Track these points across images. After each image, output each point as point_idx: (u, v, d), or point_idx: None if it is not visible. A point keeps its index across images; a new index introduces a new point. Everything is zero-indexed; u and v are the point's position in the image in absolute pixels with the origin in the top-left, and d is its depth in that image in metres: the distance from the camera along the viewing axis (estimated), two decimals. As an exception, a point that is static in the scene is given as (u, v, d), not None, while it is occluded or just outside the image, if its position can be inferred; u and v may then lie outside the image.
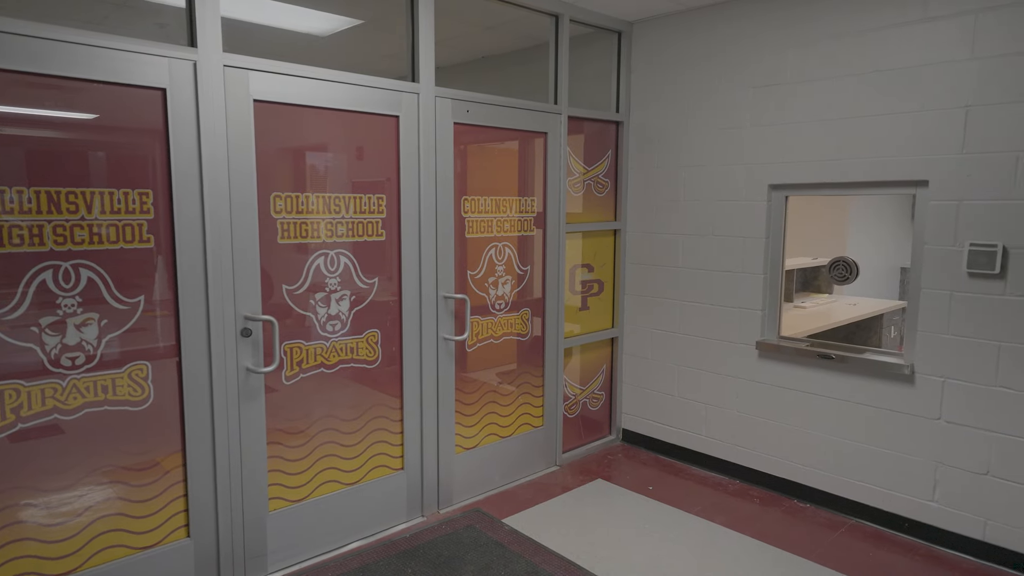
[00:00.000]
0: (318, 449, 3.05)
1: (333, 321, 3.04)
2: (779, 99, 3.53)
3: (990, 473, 2.96)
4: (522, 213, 3.79)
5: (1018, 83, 2.79)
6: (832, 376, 3.45)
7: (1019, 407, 2.86)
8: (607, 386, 4.45)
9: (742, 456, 3.85)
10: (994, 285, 2.91)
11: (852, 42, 3.25)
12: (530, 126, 3.74)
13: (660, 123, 4.08)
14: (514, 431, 3.88)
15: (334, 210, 2.99)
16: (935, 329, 3.08)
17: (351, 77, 2.97)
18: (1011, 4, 2.78)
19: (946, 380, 3.07)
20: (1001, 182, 2.86)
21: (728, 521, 3.39)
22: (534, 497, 3.67)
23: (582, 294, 4.21)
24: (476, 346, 3.64)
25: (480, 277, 3.61)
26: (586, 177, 4.13)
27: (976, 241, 2.94)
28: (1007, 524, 2.93)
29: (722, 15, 3.73)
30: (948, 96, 2.98)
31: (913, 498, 3.20)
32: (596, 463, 4.15)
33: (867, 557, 3.06)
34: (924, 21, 3.02)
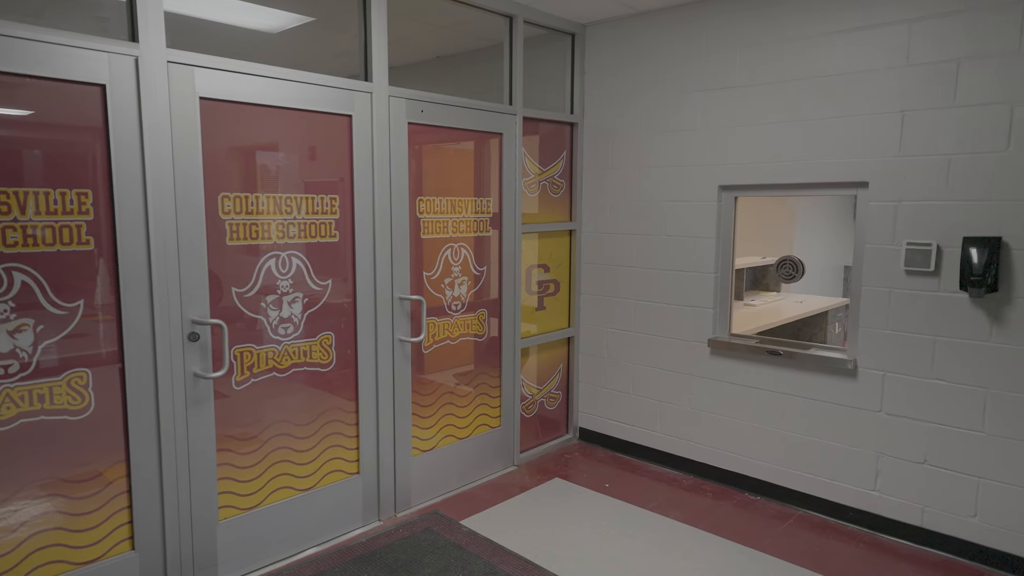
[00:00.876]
0: (271, 455, 2.98)
1: (285, 324, 2.98)
2: (728, 102, 3.62)
3: (927, 462, 3.10)
4: (478, 214, 3.78)
5: (949, 89, 2.93)
6: (780, 372, 3.56)
7: (952, 398, 3.01)
8: (564, 385, 4.49)
9: (696, 451, 3.94)
10: (929, 282, 3.04)
11: (797, 47, 3.35)
12: (485, 126, 3.74)
13: (614, 124, 4.14)
14: (472, 432, 3.88)
15: (285, 211, 2.93)
16: (876, 325, 3.21)
17: (302, 75, 2.91)
18: (942, 15, 2.92)
19: (886, 374, 3.20)
20: (935, 184, 3.00)
21: (683, 516, 3.46)
22: (492, 498, 3.67)
23: (538, 294, 4.24)
24: (433, 347, 3.62)
25: (436, 278, 3.59)
26: (541, 178, 4.15)
27: (912, 240, 3.07)
28: (942, 510, 3.07)
29: (672, 19, 3.80)
30: (886, 101, 3.10)
31: (857, 488, 3.33)
32: (554, 462, 4.18)
33: (814, 546, 3.16)
34: (864, 29, 3.14)
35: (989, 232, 2.87)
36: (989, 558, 2.97)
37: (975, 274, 2.85)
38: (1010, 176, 2.81)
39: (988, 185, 2.86)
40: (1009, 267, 2.83)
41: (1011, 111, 2.78)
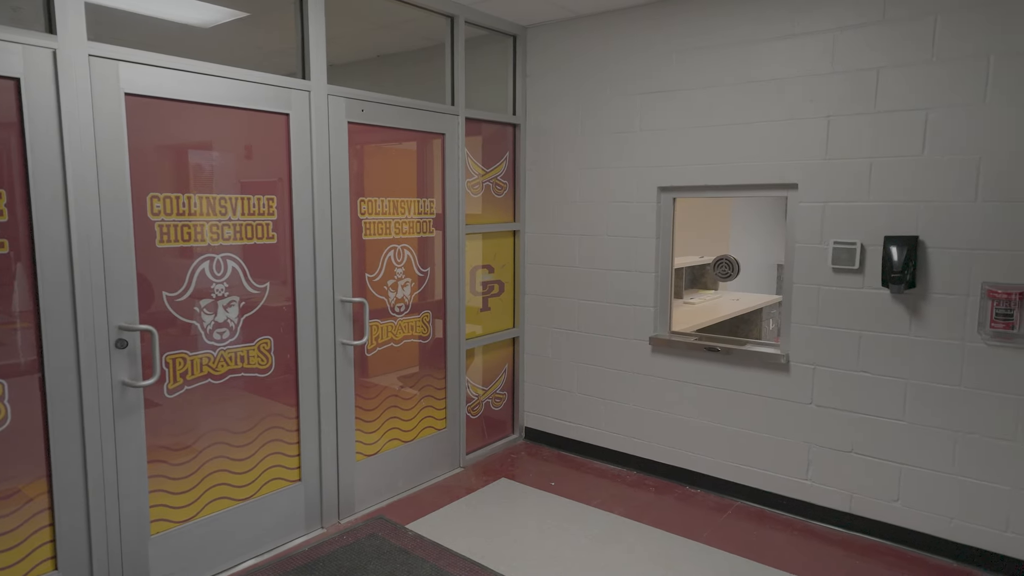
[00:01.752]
0: (207, 465, 2.87)
1: (221, 329, 2.88)
2: (667, 105, 3.71)
3: (854, 451, 3.26)
4: (421, 215, 3.75)
5: (870, 96, 3.08)
6: (718, 368, 3.67)
7: (876, 389, 3.17)
8: (509, 386, 4.50)
9: (638, 447, 4.01)
10: (854, 279, 3.20)
11: (731, 53, 3.47)
12: (427, 127, 3.71)
13: (556, 126, 4.18)
14: (417, 435, 3.84)
15: (220, 212, 2.84)
16: (806, 321, 3.35)
17: (236, 72, 2.83)
18: (863, 25, 3.07)
19: (816, 367, 3.34)
20: (858, 186, 3.15)
21: (626, 511, 3.52)
22: (438, 500, 3.65)
23: (483, 295, 4.24)
24: (376, 350, 3.57)
25: (379, 280, 3.55)
26: (485, 179, 4.15)
27: (839, 240, 3.22)
28: (868, 496, 3.23)
29: (611, 23, 3.87)
30: (813, 106, 3.24)
31: (790, 477, 3.46)
32: (500, 462, 4.18)
33: (750, 535, 3.27)
34: (791, 37, 3.27)
35: (908, 231, 3.04)
36: (911, 540, 3.14)
37: (895, 271, 3.01)
38: (925, 179, 2.98)
39: (906, 187, 3.03)
40: (926, 264, 3.00)
41: (926, 117, 2.95)
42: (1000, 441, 2.88)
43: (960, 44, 2.85)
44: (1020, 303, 2.78)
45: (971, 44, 2.83)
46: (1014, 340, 2.82)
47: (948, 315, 2.97)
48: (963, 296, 2.92)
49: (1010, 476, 2.87)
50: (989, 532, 2.94)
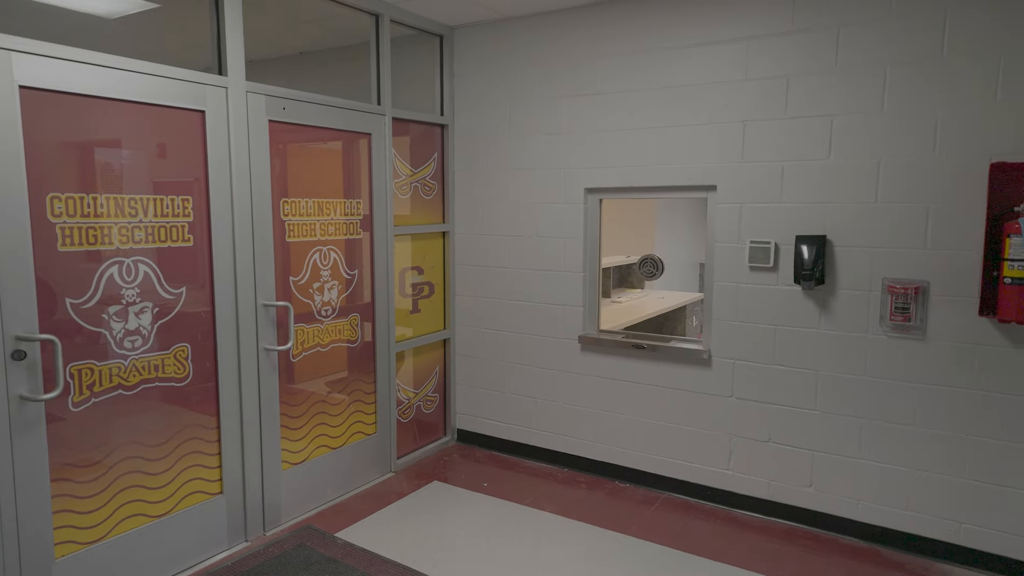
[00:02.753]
0: (118, 481, 2.71)
1: (132, 337, 2.73)
2: (591, 108, 3.78)
3: (771, 440, 3.42)
4: (348, 216, 3.68)
5: (781, 102, 3.24)
6: (645, 364, 3.77)
7: (790, 381, 3.34)
8: (441, 388, 4.47)
9: (569, 445, 4.07)
10: (769, 277, 3.36)
11: (652, 59, 3.57)
12: (353, 126, 3.64)
13: (484, 127, 4.19)
14: (346, 441, 3.76)
15: (130, 213, 2.69)
16: (726, 317, 3.49)
17: (146, 66, 2.68)
18: (773, 35, 3.23)
19: (736, 362, 3.48)
20: (772, 187, 3.31)
21: (558, 508, 3.56)
22: (369, 507, 3.59)
23: (413, 297, 4.19)
24: (302, 355, 3.47)
25: (304, 283, 3.45)
26: (413, 179, 4.11)
27: (755, 239, 3.37)
28: (785, 483, 3.40)
29: (537, 26, 3.91)
30: (729, 111, 3.38)
31: (713, 468, 3.60)
32: (432, 465, 4.15)
33: (676, 526, 3.38)
34: (707, 44, 3.40)
35: (817, 231, 3.21)
36: (823, 522, 3.32)
37: (806, 269, 3.18)
38: (831, 181, 3.16)
39: (814, 189, 3.20)
40: (833, 262, 3.19)
41: (831, 123, 3.13)
42: (900, 426, 3.09)
43: (860, 56, 3.04)
44: (916, 297, 2.99)
45: (869, 56, 3.02)
46: (911, 332, 3.03)
47: (853, 309, 3.16)
48: (866, 291, 3.12)
49: (909, 458, 3.08)
50: (892, 511, 3.15)
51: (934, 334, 2.98)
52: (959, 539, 3.01)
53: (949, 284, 2.94)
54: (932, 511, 3.06)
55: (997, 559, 2.94)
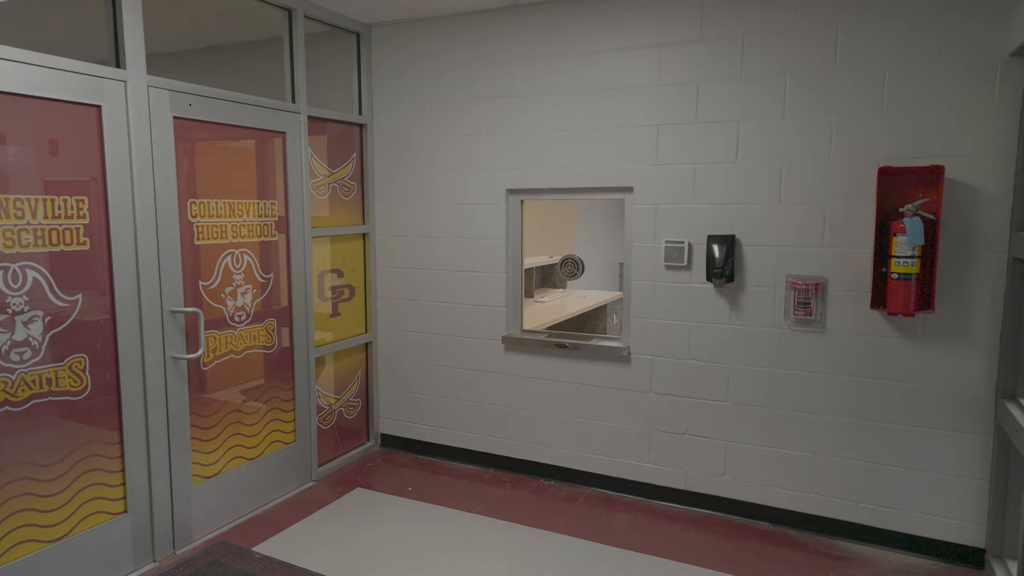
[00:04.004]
0: (6, 505, 2.50)
1: (21, 348, 2.52)
2: (511, 110, 3.81)
3: (687, 432, 3.55)
4: (262, 217, 3.54)
5: (692, 107, 3.38)
6: (567, 363, 3.83)
7: (704, 375, 3.48)
8: (363, 392, 4.38)
9: (494, 445, 4.08)
10: (684, 275, 3.48)
11: (570, 62, 3.63)
12: (266, 124, 3.51)
13: (405, 127, 4.14)
14: (264, 451, 3.62)
15: (16, 215, 2.49)
16: (644, 315, 3.60)
17: (32, 56, 2.49)
18: (684, 42, 3.36)
19: (654, 358, 3.59)
20: (684, 189, 3.44)
21: (483, 509, 3.56)
22: (289, 517, 3.47)
23: (332, 300, 4.09)
24: (214, 363, 3.32)
25: (215, 287, 3.30)
26: (331, 180, 4.01)
27: (670, 239, 3.49)
28: (701, 473, 3.54)
29: (458, 26, 3.90)
30: (644, 115, 3.49)
31: (634, 462, 3.70)
32: (355, 472, 4.06)
33: (599, 520, 3.45)
34: (623, 50, 3.50)
35: (726, 231, 3.36)
36: (737, 509, 3.48)
37: (717, 267, 3.32)
38: (739, 183, 3.32)
39: (724, 190, 3.35)
40: (742, 260, 3.35)
41: (738, 127, 3.29)
42: (803, 414, 3.28)
43: (762, 65, 3.21)
44: (816, 293, 3.19)
45: (771, 65, 3.19)
46: (812, 325, 3.22)
47: (761, 305, 3.32)
48: (772, 288, 3.29)
49: (812, 444, 3.28)
50: (798, 495, 3.33)
51: (832, 327, 3.19)
52: (857, 517, 3.23)
53: (844, 280, 3.14)
54: (833, 493, 3.26)
55: (891, 534, 3.17)
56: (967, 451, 2.99)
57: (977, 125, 2.86)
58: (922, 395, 3.05)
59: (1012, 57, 2.77)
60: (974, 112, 2.86)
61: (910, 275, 2.90)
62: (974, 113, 2.86)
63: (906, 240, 2.87)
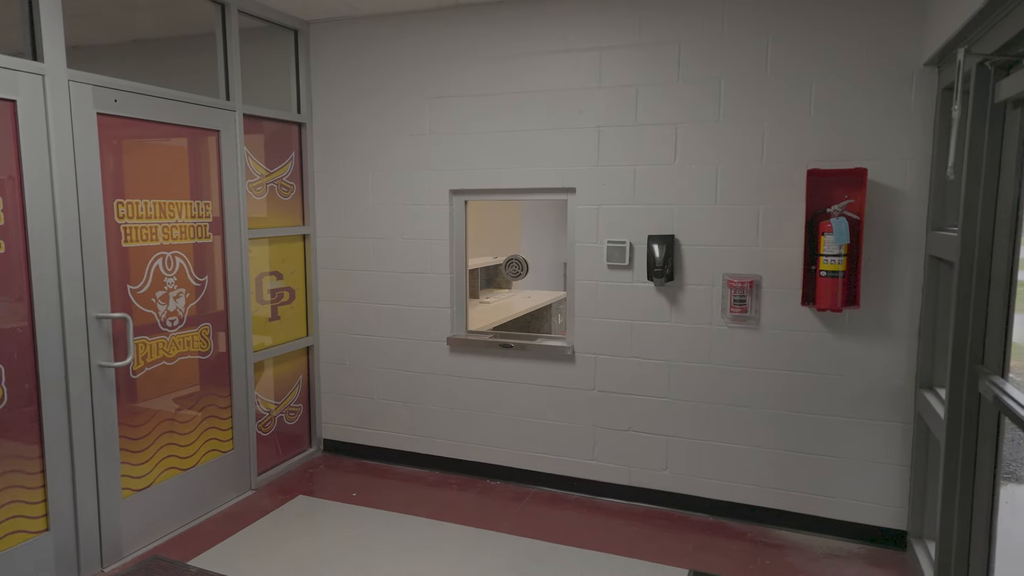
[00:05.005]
0: (-88, 528, 2.34)
1: (-73, 359, 2.36)
2: (454, 110, 3.80)
3: (631, 429, 3.62)
4: (196, 218, 3.42)
5: (632, 110, 3.44)
6: (513, 363, 3.84)
7: (646, 372, 3.55)
8: (305, 397, 4.28)
9: (440, 447, 4.06)
10: (625, 275, 3.55)
11: (514, 64, 3.64)
12: (199, 122, 3.39)
13: (346, 126, 4.06)
14: (199, 460, 3.49)
15: (-80, 216, 2.32)
16: (588, 314, 3.64)
17: (-63, 46, 2.33)
18: (623, 46, 3.42)
19: (598, 356, 3.65)
20: (625, 190, 3.50)
21: (429, 511, 3.54)
22: (227, 529, 3.36)
23: (272, 303, 3.98)
24: (145, 371, 3.18)
25: (145, 292, 3.16)
26: (269, 180, 3.90)
27: (612, 239, 3.55)
28: (643, 468, 3.61)
29: (398, 25, 3.86)
30: (586, 117, 3.53)
31: (579, 460, 3.74)
32: (297, 479, 3.96)
33: (545, 518, 3.48)
34: (565, 52, 3.54)
35: (666, 231, 3.44)
36: (679, 502, 3.56)
37: (657, 266, 3.40)
38: (677, 184, 3.40)
39: (663, 191, 3.43)
40: (681, 260, 3.43)
41: (675, 130, 3.37)
42: (740, 408, 3.39)
43: (698, 70, 3.30)
44: (751, 291, 3.30)
45: (706, 70, 3.29)
46: (747, 322, 3.34)
47: (699, 303, 3.42)
48: (709, 286, 3.39)
49: (748, 436, 3.39)
50: (736, 486, 3.44)
51: (766, 323, 3.30)
52: (791, 506, 3.36)
53: (777, 278, 3.26)
54: (768, 483, 3.38)
55: (823, 520, 3.31)
56: (890, 439, 3.15)
57: (897, 130, 3.02)
58: (849, 387, 3.20)
59: (926, 67, 2.93)
60: (894, 118, 3.02)
61: (837, 273, 3.03)
62: (894, 119, 3.02)
63: (833, 239, 3.01)
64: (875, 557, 3.12)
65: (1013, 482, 3.01)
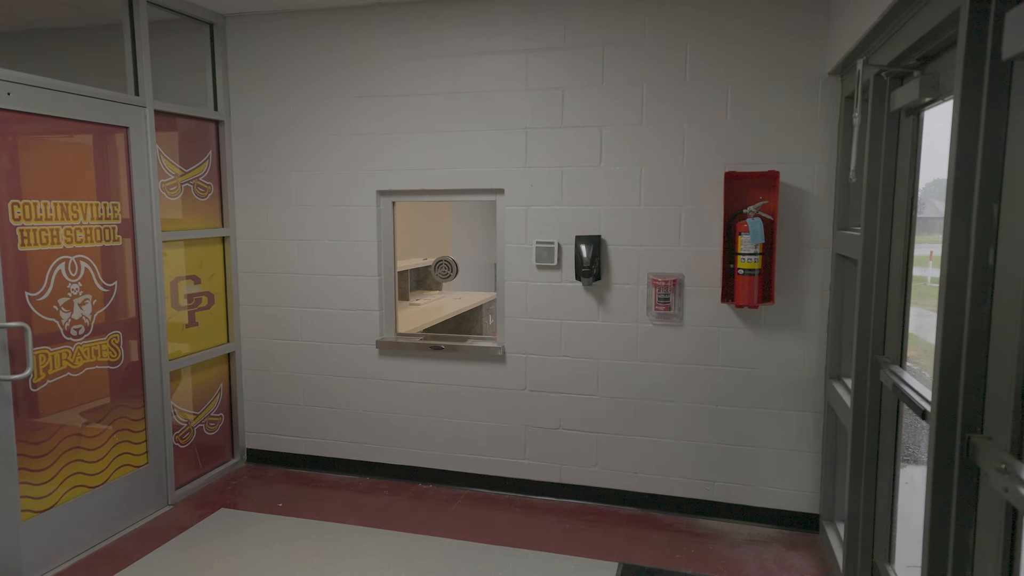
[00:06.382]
0: None
1: None
2: (381, 110, 3.74)
3: (561, 427, 3.66)
4: (103, 220, 3.22)
5: (558, 112, 3.49)
6: (444, 364, 3.82)
7: (576, 370, 3.60)
8: (226, 406, 4.11)
9: (370, 453, 3.99)
10: (554, 275, 3.59)
11: (441, 64, 3.62)
12: (105, 118, 3.20)
13: (267, 124, 3.93)
14: (110, 477, 3.29)
15: None
16: (518, 314, 3.67)
17: None
18: (548, 49, 3.46)
19: (528, 356, 3.67)
20: (553, 191, 3.54)
21: (359, 518, 3.47)
22: (141, 548, 3.18)
23: (189, 309, 3.80)
24: (47, 383, 2.97)
25: (46, 299, 2.95)
26: (184, 180, 3.73)
27: (540, 240, 3.59)
28: (574, 465, 3.67)
29: (320, 22, 3.77)
30: (513, 118, 3.55)
31: (511, 460, 3.76)
32: (219, 492, 3.80)
33: (478, 520, 3.48)
34: (491, 53, 3.54)
35: (593, 231, 3.51)
36: (608, 496, 3.64)
37: (585, 266, 3.46)
38: (603, 185, 3.47)
39: (589, 192, 3.49)
40: (607, 259, 3.50)
41: (600, 133, 3.44)
42: (665, 403, 3.50)
43: (621, 73, 3.38)
44: (674, 289, 3.41)
45: (628, 74, 3.37)
46: (671, 319, 3.44)
47: (625, 302, 3.50)
48: (635, 285, 3.48)
49: (673, 430, 3.50)
50: (663, 479, 3.55)
51: (689, 320, 3.42)
52: (714, 496, 3.49)
53: (698, 276, 3.38)
54: (693, 475, 3.50)
55: (744, 508, 3.45)
56: (803, 428, 3.33)
57: (805, 135, 3.19)
58: (766, 379, 3.35)
59: (831, 76, 3.11)
60: (802, 124, 3.18)
61: (754, 271, 3.17)
62: (802, 125, 3.19)
63: (749, 239, 3.15)
64: (791, 540, 3.28)
65: (911, 463, 3.24)
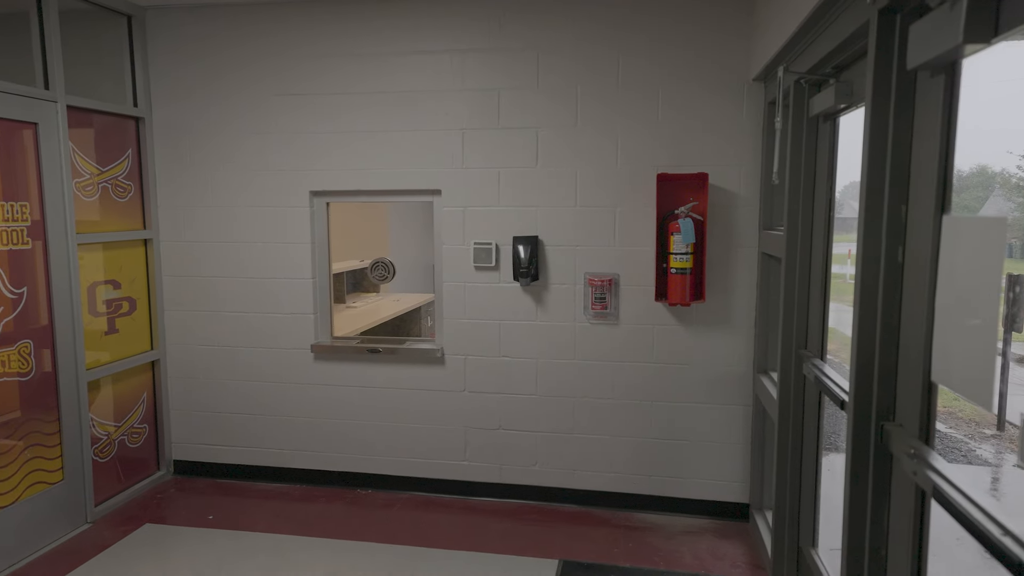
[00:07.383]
0: None
1: None
2: (314, 109, 3.65)
3: (501, 427, 3.67)
4: (9, 222, 3.02)
5: (495, 113, 3.49)
6: (381, 367, 3.76)
7: (515, 371, 3.62)
8: (151, 417, 3.92)
9: (306, 460, 3.88)
10: (492, 275, 3.59)
11: (376, 63, 3.56)
12: (10, 113, 3.00)
13: (191, 122, 3.77)
14: (20, 496, 3.08)
15: None
16: (456, 315, 3.65)
17: None
18: (483, 50, 3.46)
19: (467, 357, 3.66)
20: (491, 192, 3.55)
21: (294, 528, 3.37)
22: (57, 569, 2.99)
23: (108, 315, 3.60)
24: (-54, 398, 2.75)
25: (-55, 306, 2.74)
26: (101, 179, 3.53)
27: (478, 240, 3.58)
28: (514, 465, 3.68)
29: (242, 17, 3.64)
30: (449, 119, 3.54)
31: (451, 462, 3.74)
32: (143, 507, 3.62)
33: (417, 523, 3.44)
34: (425, 53, 3.52)
35: (530, 232, 3.53)
36: (549, 495, 3.67)
37: (523, 267, 3.48)
38: (540, 186, 3.50)
39: (527, 193, 3.51)
40: (545, 260, 3.53)
41: (536, 134, 3.47)
42: (602, 400, 3.56)
43: (556, 76, 3.42)
44: (610, 288, 3.47)
45: (564, 77, 3.41)
46: (607, 318, 3.50)
47: (563, 301, 3.54)
48: (572, 285, 3.52)
49: (609, 427, 3.56)
50: (600, 475, 3.60)
51: (625, 318, 3.49)
52: (651, 490, 3.57)
53: (633, 275, 3.46)
54: (630, 470, 3.58)
55: (679, 500, 3.55)
56: (733, 421, 3.45)
57: (732, 138, 3.31)
58: (698, 375, 3.46)
59: (755, 82, 3.24)
60: (728, 127, 3.30)
61: (686, 269, 3.27)
62: (728, 128, 3.30)
63: (681, 239, 3.24)
64: (723, 530, 3.40)
65: (832, 451, 3.41)
